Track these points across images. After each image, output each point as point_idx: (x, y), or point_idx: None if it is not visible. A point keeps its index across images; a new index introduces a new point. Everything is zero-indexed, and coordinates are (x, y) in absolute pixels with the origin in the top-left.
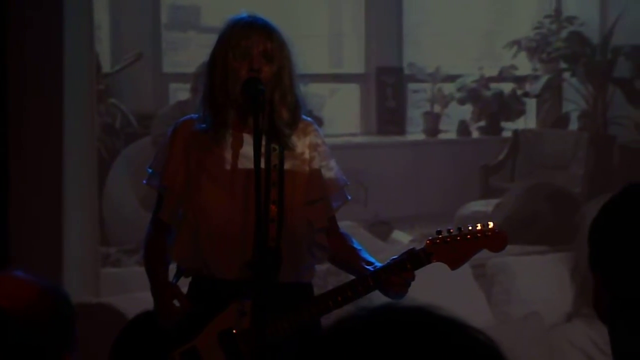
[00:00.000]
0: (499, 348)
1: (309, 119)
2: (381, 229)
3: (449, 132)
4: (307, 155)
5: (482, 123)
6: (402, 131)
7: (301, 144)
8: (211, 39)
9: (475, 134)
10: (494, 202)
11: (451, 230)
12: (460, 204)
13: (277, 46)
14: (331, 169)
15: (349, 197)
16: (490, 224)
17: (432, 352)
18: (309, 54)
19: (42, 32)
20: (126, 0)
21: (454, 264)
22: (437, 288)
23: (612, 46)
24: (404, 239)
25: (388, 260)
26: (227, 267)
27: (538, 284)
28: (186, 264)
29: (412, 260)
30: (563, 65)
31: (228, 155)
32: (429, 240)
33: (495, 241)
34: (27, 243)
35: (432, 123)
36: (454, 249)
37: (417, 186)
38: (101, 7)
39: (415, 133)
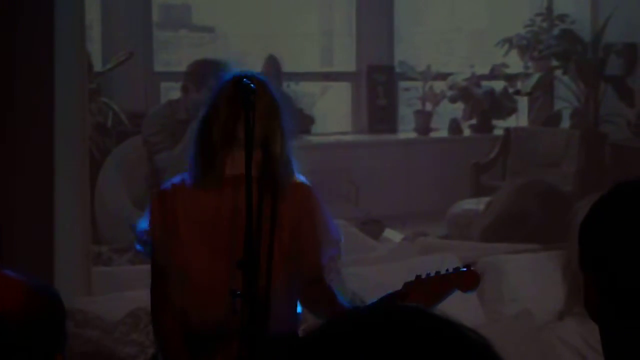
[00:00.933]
0: (492, 348)
1: (305, 180)
2: (373, 227)
3: (440, 130)
4: (300, 215)
5: (474, 121)
6: (393, 129)
7: (297, 207)
8: (202, 38)
9: (466, 132)
10: (485, 200)
11: (429, 274)
12: (452, 202)
13: (267, 108)
14: (326, 226)
15: (343, 254)
16: (465, 267)
17: (426, 351)
18: (300, 52)
19: (33, 31)
20: (118, 0)
21: (428, 304)
22: None
23: (604, 44)
24: (395, 238)
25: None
26: (208, 322)
27: (529, 282)
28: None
29: (394, 301)
30: (554, 63)
31: (213, 206)
32: (406, 282)
33: (466, 280)
34: (18, 242)
35: (424, 121)
36: (428, 289)
37: (408, 184)
38: (92, 7)
39: (406, 131)
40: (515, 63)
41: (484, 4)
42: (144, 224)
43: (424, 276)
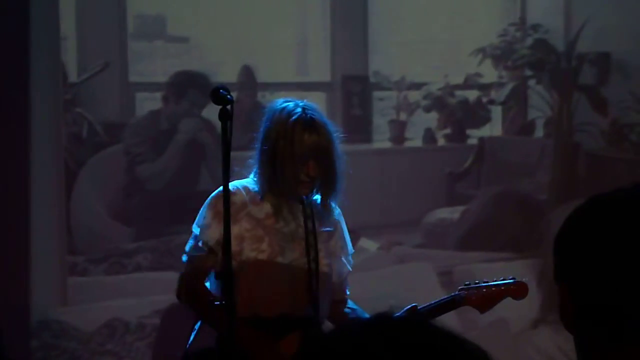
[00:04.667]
0: None
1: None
2: None
3: (414, 139)
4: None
5: (448, 130)
6: (368, 139)
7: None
8: (177, 48)
9: (441, 142)
10: (460, 209)
11: (478, 283)
12: (427, 211)
13: (328, 146)
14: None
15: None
16: (512, 279)
17: None
18: (275, 62)
19: (8, 42)
20: (92, 10)
21: (483, 309)
22: (405, 296)
23: (577, 53)
24: (371, 247)
25: (431, 303)
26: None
27: None
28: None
29: (449, 305)
30: (528, 72)
31: (273, 217)
32: (461, 287)
33: (518, 290)
34: None
35: (398, 131)
36: (483, 295)
37: (383, 194)
38: (67, 17)
39: (381, 141)
40: (489, 73)
41: (457, 15)
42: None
43: (472, 284)
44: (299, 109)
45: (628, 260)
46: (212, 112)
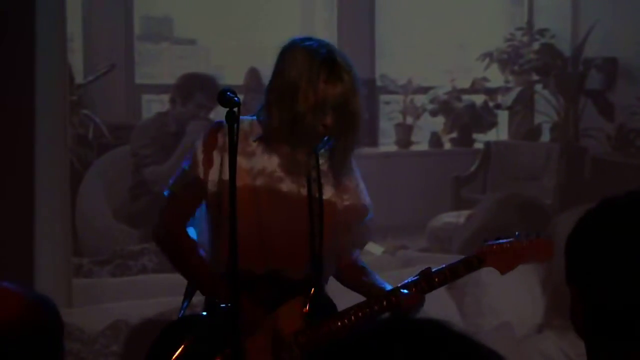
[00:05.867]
0: None
1: None
2: None
3: (420, 143)
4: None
5: (454, 135)
6: (374, 142)
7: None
8: (184, 50)
9: (447, 146)
10: (465, 213)
11: (500, 240)
12: (432, 215)
13: (352, 97)
14: (360, 190)
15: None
16: (537, 235)
17: None
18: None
19: (14, 43)
20: (99, 12)
21: (504, 269)
22: None
23: (584, 58)
24: (376, 251)
25: (444, 266)
26: (266, 264)
27: (509, 295)
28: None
29: (466, 266)
30: (535, 77)
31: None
32: (481, 246)
33: (541, 250)
34: None
35: (404, 134)
36: (504, 257)
37: (389, 197)
38: (74, 19)
39: (387, 144)
40: (495, 77)
41: (464, 19)
42: None
43: (495, 242)
44: (324, 50)
45: (638, 263)
46: (219, 114)
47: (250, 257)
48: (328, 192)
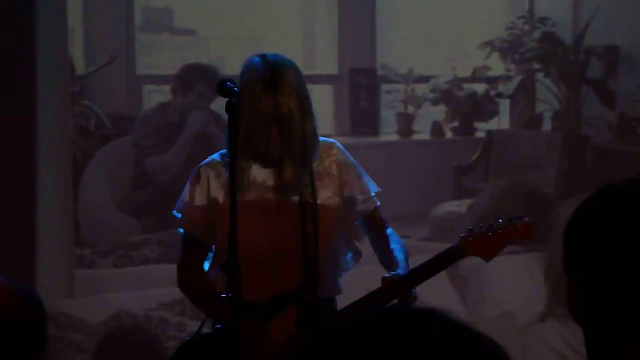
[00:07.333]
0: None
1: (331, 140)
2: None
3: (422, 133)
4: (335, 173)
5: (456, 124)
6: (375, 132)
7: (328, 163)
8: (185, 41)
9: (448, 135)
10: (467, 202)
11: (482, 228)
12: (434, 205)
13: (300, 94)
14: (361, 180)
15: (378, 204)
16: (516, 218)
17: (442, 355)
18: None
19: (16, 35)
20: (100, 3)
21: (488, 256)
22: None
23: (585, 47)
24: None
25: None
26: (262, 290)
27: (512, 284)
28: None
29: (449, 257)
30: (536, 66)
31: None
32: (462, 236)
33: (523, 232)
34: (0, 244)
35: (406, 124)
36: (485, 244)
37: (390, 187)
38: (75, 10)
39: (388, 134)
40: (497, 66)
41: (465, 8)
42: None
43: (477, 230)
44: (263, 67)
45: (637, 250)
46: (220, 105)
47: (249, 284)
48: (324, 195)
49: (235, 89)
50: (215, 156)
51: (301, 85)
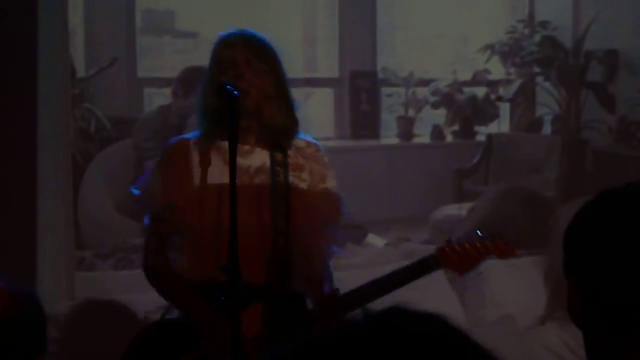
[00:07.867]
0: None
1: (315, 140)
2: (355, 232)
3: (422, 136)
4: (316, 176)
5: (456, 127)
6: (376, 135)
7: (303, 159)
8: (186, 44)
9: (449, 138)
10: (467, 205)
11: (460, 240)
12: (434, 208)
13: (259, 53)
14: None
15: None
16: (497, 235)
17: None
18: (283, 58)
19: (16, 36)
20: (101, 5)
21: (462, 270)
22: (411, 290)
23: (585, 50)
24: (378, 243)
25: (400, 268)
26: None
27: (511, 287)
28: (194, 275)
29: (422, 267)
30: (536, 69)
31: (222, 167)
32: (438, 247)
33: (501, 249)
34: (0, 246)
35: (406, 127)
36: (461, 257)
37: (391, 190)
38: (76, 12)
39: (389, 137)
40: (497, 69)
41: (466, 11)
42: None
43: (454, 241)
44: (231, 31)
45: (637, 254)
46: None
47: (209, 264)
48: (299, 182)
49: (235, 92)
50: (188, 135)
51: (268, 51)
